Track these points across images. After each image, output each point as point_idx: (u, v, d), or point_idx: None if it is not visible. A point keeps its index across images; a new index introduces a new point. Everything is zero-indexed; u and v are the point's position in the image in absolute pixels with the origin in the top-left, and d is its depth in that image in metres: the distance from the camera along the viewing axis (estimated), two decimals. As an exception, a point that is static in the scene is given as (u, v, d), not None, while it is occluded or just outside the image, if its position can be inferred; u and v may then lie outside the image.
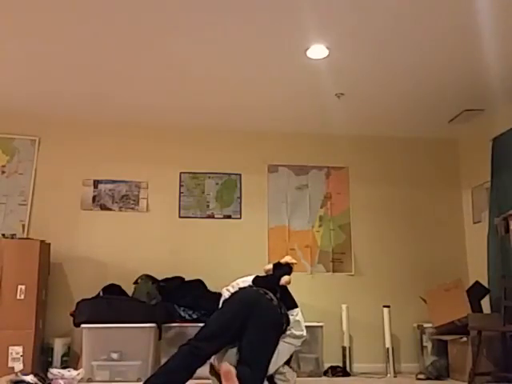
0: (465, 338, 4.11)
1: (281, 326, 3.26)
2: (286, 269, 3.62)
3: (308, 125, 5.09)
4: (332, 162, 5.26)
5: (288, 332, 3.33)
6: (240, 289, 3.43)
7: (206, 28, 3.37)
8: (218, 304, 3.43)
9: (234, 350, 3.15)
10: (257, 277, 3.56)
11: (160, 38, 3.50)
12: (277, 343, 3.22)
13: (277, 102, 4.55)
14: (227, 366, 2.78)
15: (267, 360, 3.11)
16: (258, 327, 3.11)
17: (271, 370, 3.19)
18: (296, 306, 3.47)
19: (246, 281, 3.53)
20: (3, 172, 4.79)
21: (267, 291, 3.31)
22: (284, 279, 3.49)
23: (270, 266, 3.70)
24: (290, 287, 3.57)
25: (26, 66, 3.90)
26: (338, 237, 5.09)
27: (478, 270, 4.87)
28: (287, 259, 3.68)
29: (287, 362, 3.44)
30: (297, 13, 3.17)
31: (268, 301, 3.22)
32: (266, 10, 3.15)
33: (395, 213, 5.21)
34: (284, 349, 3.29)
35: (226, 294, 3.50)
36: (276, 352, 3.21)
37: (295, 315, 3.41)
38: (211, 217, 5.01)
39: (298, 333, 3.36)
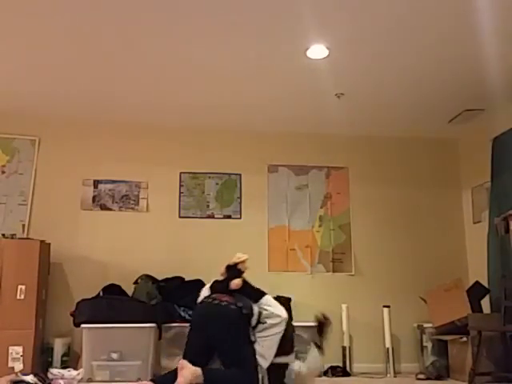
0: (465, 338, 4.11)
1: (244, 326, 3.23)
2: (235, 271, 3.53)
3: (308, 125, 5.09)
4: (332, 162, 5.26)
5: (265, 325, 3.30)
6: (198, 303, 3.44)
7: (205, 28, 3.36)
8: None
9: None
10: (214, 282, 3.54)
11: (160, 38, 3.50)
12: (249, 341, 3.22)
13: (277, 102, 4.55)
14: (181, 361, 2.97)
15: (248, 361, 3.14)
16: (221, 340, 3.16)
17: (265, 364, 3.20)
18: (263, 295, 3.42)
19: (206, 288, 3.53)
20: (3, 172, 4.79)
21: (223, 296, 3.31)
22: (232, 284, 3.43)
23: (223, 270, 3.61)
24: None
25: (25, 66, 3.90)
26: (338, 237, 5.09)
27: (478, 270, 4.87)
28: (235, 259, 3.59)
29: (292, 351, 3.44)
30: (297, 13, 3.17)
31: (222, 308, 3.22)
32: (266, 10, 3.15)
33: (395, 213, 5.21)
34: (269, 341, 3.27)
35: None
36: (261, 347, 3.22)
37: (264, 305, 3.37)
38: (211, 217, 5.00)
39: (274, 321, 3.32)
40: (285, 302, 4.49)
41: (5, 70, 3.99)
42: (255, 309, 3.31)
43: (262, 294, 3.45)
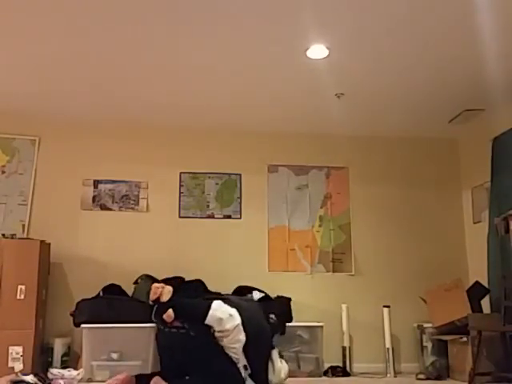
0: (465, 338, 4.11)
1: (199, 344, 3.35)
2: (161, 306, 3.60)
3: (308, 125, 5.09)
4: (332, 162, 5.26)
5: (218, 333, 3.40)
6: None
7: (206, 28, 3.36)
8: None
9: None
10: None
11: (160, 38, 3.50)
12: (216, 353, 3.33)
13: (277, 102, 4.55)
14: (155, 378, 3.05)
15: (222, 374, 3.28)
16: (185, 364, 3.34)
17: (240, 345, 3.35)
18: (207, 312, 3.44)
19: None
20: (3, 172, 4.79)
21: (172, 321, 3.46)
22: (167, 318, 3.52)
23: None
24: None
25: (26, 65, 3.90)
26: (338, 237, 5.09)
27: (478, 270, 4.87)
28: (152, 296, 3.65)
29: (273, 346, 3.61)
30: (297, 13, 3.17)
31: (173, 336, 3.42)
32: (266, 11, 3.15)
33: (395, 213, 5.21)
34: (228, 337, 3.38)
35: None
36: (227, 347, 3.37)
37: (211, 322, 3.43)
38: (211, 217, 5.00)
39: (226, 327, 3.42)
40: (285, 301, 4.51)
41: (5, 70, 3.99)
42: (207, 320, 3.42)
43: (207, 309, 3.45)
